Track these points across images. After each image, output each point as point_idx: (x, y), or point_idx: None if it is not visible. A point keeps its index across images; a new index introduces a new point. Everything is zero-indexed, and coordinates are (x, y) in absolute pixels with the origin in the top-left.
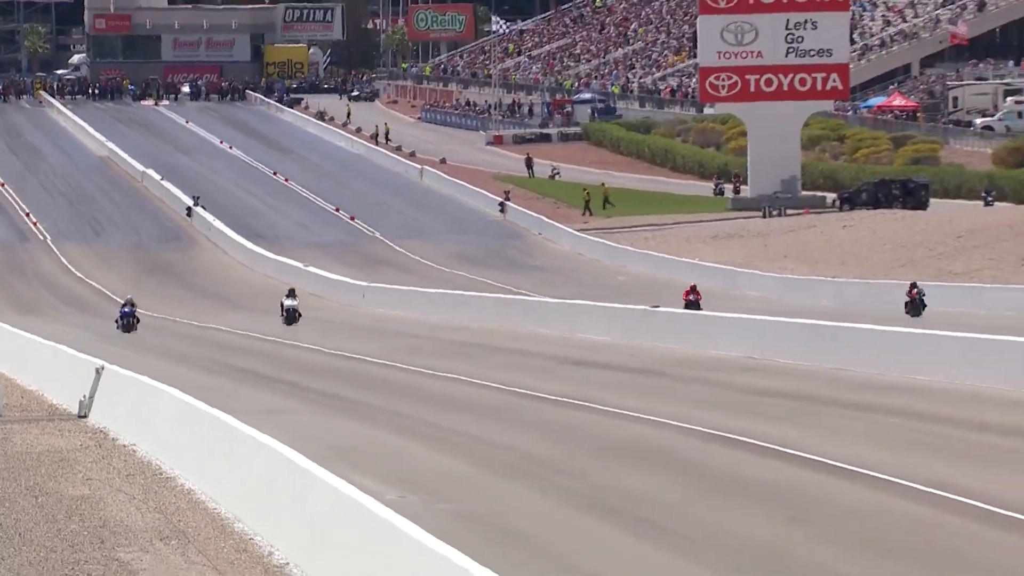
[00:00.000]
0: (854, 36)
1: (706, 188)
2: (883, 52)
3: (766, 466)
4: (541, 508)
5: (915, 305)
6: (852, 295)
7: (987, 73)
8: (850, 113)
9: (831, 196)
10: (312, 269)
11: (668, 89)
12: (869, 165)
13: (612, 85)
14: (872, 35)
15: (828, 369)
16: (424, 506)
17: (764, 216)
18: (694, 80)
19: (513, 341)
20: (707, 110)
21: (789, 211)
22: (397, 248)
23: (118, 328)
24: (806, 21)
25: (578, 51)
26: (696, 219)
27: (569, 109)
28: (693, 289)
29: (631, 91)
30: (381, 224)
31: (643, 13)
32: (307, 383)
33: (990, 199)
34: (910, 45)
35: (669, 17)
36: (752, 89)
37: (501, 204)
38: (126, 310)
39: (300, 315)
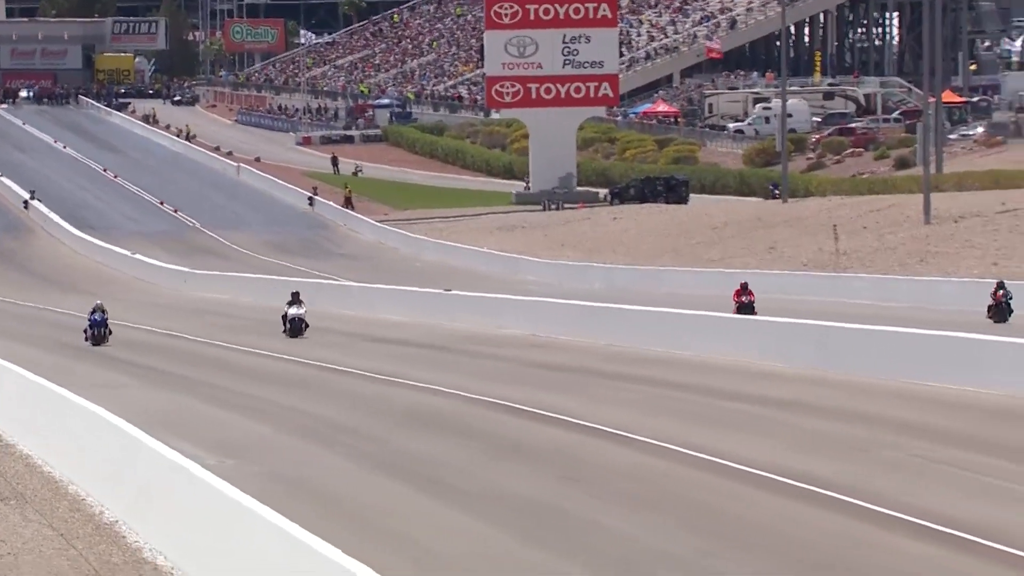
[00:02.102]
0: (623, 49)
1: (493, 184)
2: (648, 64)
3: (544, 431)
4: (344, 470)
5: (1000, 310)
6: (621, 280)
7: (738, 83)
8: (620, 118)
9: (603, 191)
10: (139, 256)
11: (456, 95)
12: (636, 164)
13: (408, 92)
14: (638, 49)
15: (601, 345)
16: (239, 469)
17: (544, 209)
18: (481, 88)
19: (320, 320)
20: (493, 115)
21: (566, 205)
22: (217, 238)
23: (86, 340)
24: (580, 36)
25: (378, 61)
26: (484, 212)
27: (370, 113)
28: (745, 288)
29: (426, 97)
30: (202, 216)
31: (436, 28)
32: (135, 359)
33: (776, 192)
34: (672, 58)
35: (459, 32)
36: (533, 96)
37: (310, 198)
38: (95, 317)
39: (307, 326)
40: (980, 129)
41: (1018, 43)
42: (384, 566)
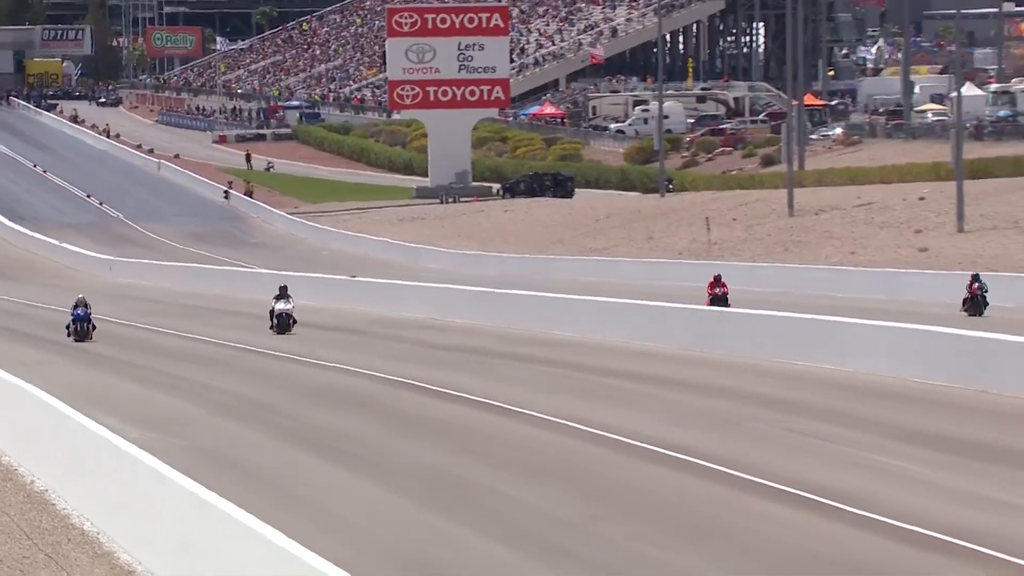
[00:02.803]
0: (513, 56)
1: (395, 179)
2: (537, 69)
3: (444, 407)
4: (259, 443)
5: (976, 303)
6: (513, 267)
7: (619, 87)
8: (511, 119)
9: (496, 186)
10: (66, 246)
11: (357, 99)
12: (526, 161)
13: (316, 94)
14: (528, 55)
15: (495, 327)
16: (161, 442)
17: (442, 203)
18: (384, 91)
19: (235, 305)
20: (395, 115)
21: (462, 199)
22: (139, 228)
23: (69, 336)
24: (474, 44)
25: (288, 66)
26: (386, 205)
27: (281, 114)
28: (718, 281)
29: (332, 99)
30: (126, 209)
31: (342, 35)
32: (61, 340)
33: (671, 187)
34: (558, 64)
35: (363, 39)
36: (431, 99)
37: (226, 192)
38: (79, 312)
39: (295, 322)
40: (838, 130)
41: (872, 51)
42: (292, 529)
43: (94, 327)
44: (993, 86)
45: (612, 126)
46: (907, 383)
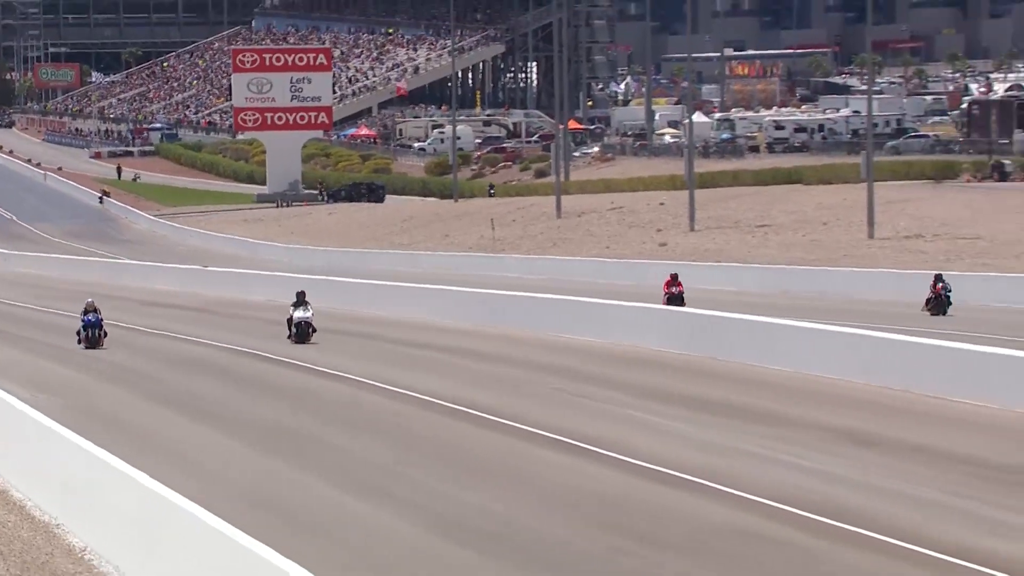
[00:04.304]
0: (335, 88)
1: (240, 188)
2: (354, 99)
3: (280, 372)
4: (132, 403)
5: (940, 303)
6: (336, 259)
7: (420, 113)
8: (333, 138)
9: (321, 193)
10: None
11: (207, 123)
12: (346, 173)
13: (174, 118)
14: (347, 87)
15: (323, 308)
16: (50, 402)
17: (277, 207)
18: (230, 115)
19: (110, 291)
20: (239, 136)
21: (294, 203)
22: (29, 228)
23: (79, 343)
24: (303, 78)
25: (151, 96)
26: (232, 208)
27: (146, 134)
28: (674, 280)
29: (188, 123)
30: (18, 212)
31: (195, 71)
32: None
33: (492, 193)
34: (371, 95)
35: (213, 74)
36: (269, 122)
37: (100, 198)
38: (89, 318)
39: (315, 330)
40: (596, 149)
41: (622, 86)
42: (154, 471)
43: (105, 333)
44: (717, 115)
45: (415, 145)
46: (651, 351)
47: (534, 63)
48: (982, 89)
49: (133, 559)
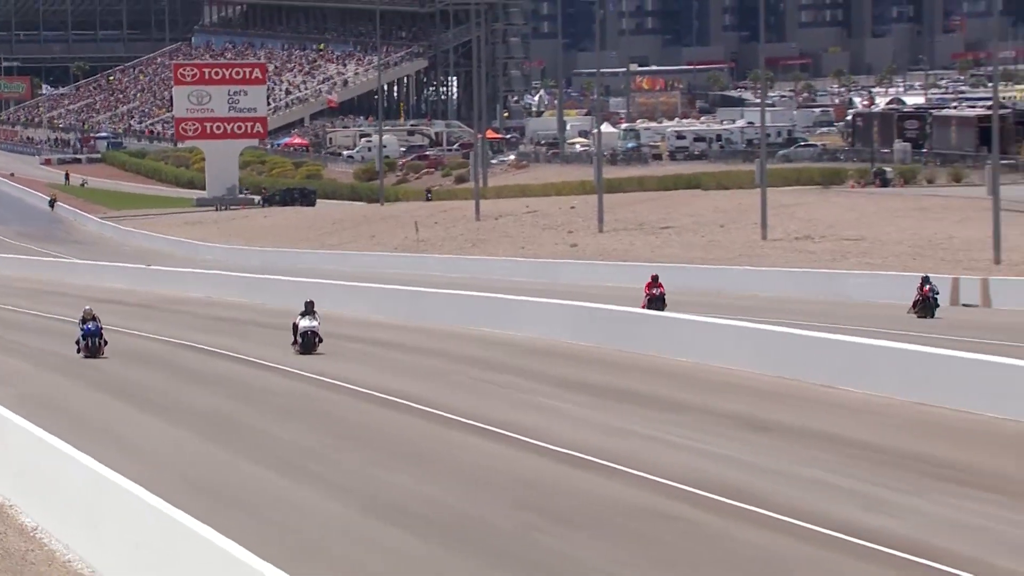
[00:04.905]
0: (270, 100)
1: (181, 192)
2: (287, 110)
3: (219, 364)
4: (76, 391)
5: (927, 306)
6: (270, 259)
7: (349, 124)
8: (268, 147)
9: (257, 198)
10: None
11: (151, 132)
12: (280, 179)
13: (120, 128)
14: (281, 99)
15: (258, 304)
16: (3, 392)
17: (216, 210)
18: (172, 125)
19: (59, 287)
20: (180, 144)
21: (232, 207)
22: None
23: (79, 352)
24: (240, 91)
25: (98, 107)
26: (174, 211)
27: (93, 143)
28: (655, 281)
29: (132, 132)
30: None
31: (138, 84)
32: None
33: (429, 197)
34: (303, 106)
35: (155, 87)
36: (208, 132)
37: (51, 202)
38: (88, 327)
39: (321, 340)
40: (512, 156)
41: (536, 99)
42: (100, 455)
43: (106, 342)
44: (623, 125)
45: (344, 153)
46: (564, 344)
47: (454, 77)
48: (865, 102)
49: (80, 536)
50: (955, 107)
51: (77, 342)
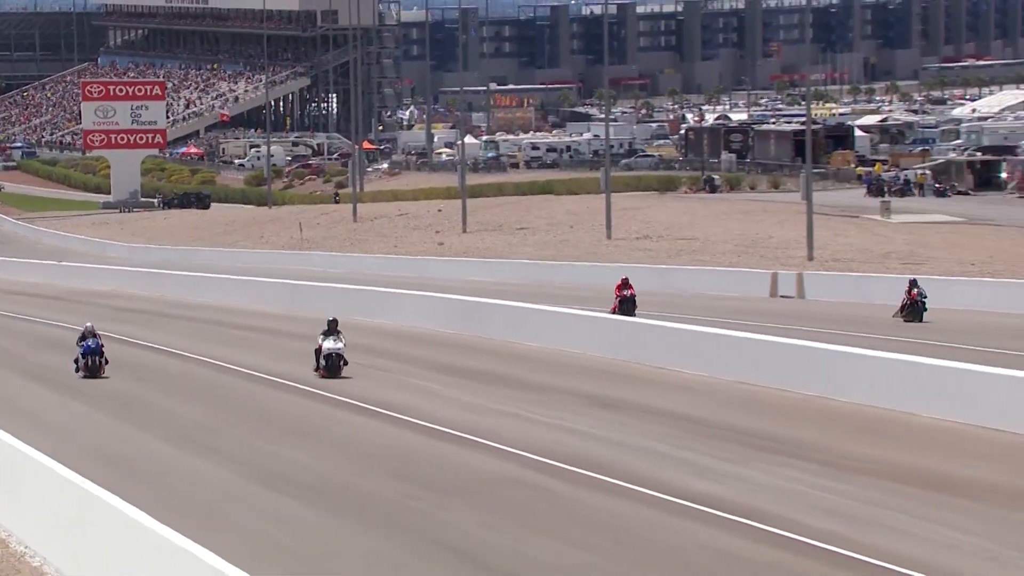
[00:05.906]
0: (169, 113)
1: (89, 196)
2: (185, 123)
3: (126, 351)
4: (14, 384)
5: (915, 309)
6: (170, 256)
7: (240, 135)
8: (167, 156)
9: (156, 200)
10: None
11: (61, 142)
12: (178, 184)
13: (33, 139)
14: (179, 113)
15: (160, 296)
16: None
17: (120, 212)
18: (80, 136)
19: None
20: (88, 153)
21: (134, 210)
22: None
23: (77, 371)
24: (142, 106)
25: (14, 120)
26: (83, 213)
27: (9, 152)
28: (626, 283)
29: (45, 142)
30: None
31: (50, 100)
32: None
33: (337, 199)
34: (199, 119)
35: (65, 102)
36: (113, 142)
37: None
38: (88, 344)
39: (346, 363)
40: (385, 165)
41: (407, 113)
42: (15, 431)
43: (107, 361)
44: (484, 137)
45: (236, 161)
46: (432, 331)
47: (334, 94)
48: (696, 118)
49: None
50: (774, 123)
51: (76, 360)
